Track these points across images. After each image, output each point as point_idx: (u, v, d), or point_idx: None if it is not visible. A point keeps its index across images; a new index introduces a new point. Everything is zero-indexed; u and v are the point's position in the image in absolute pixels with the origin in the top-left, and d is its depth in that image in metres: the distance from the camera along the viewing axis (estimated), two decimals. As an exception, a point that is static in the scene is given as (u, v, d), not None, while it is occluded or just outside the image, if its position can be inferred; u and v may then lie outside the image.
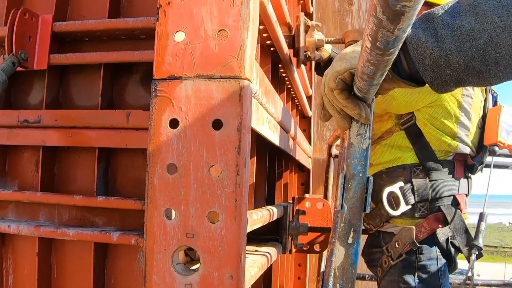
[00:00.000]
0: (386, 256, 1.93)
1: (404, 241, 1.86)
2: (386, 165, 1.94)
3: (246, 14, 1.10)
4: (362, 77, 1.02)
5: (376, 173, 1.96)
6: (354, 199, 1.19)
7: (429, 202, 1.90)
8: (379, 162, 1.96)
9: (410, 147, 1.94)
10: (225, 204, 1.07)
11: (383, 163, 1.95)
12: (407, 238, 1.86)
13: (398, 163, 1.93)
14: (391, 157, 1.95)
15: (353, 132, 1.21)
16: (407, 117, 1.94)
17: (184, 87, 1.11)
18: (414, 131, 1.93)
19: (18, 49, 1.38)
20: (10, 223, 1.41)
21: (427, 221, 1.89)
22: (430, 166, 1.90)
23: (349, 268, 1.20)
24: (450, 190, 1.92)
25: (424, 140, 1.92)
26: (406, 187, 1.88)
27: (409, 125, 1.93)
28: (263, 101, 1.35)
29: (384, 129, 2.00)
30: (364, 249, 2.18)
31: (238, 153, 1.07)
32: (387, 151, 1.96)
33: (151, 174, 1.11)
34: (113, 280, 1.40)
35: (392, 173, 1.93)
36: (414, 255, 1.89)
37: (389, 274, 1.93)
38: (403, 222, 1.92)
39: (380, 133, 2.00)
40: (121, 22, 1.39)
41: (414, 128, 1.93)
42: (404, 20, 0.69)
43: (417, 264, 1.89)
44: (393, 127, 1.98)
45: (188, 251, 1.22)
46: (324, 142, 4.26)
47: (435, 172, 1.91)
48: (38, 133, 1.44)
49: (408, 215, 1.91)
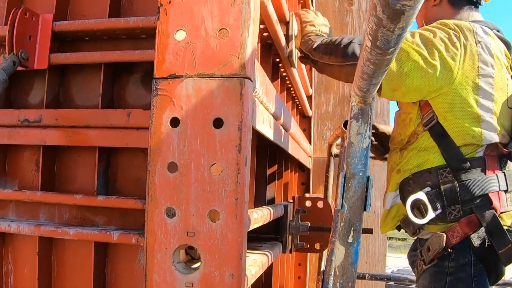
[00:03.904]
0: (420, 259, 1.87)
1: (434, 247, 1.78)
2: (413, 170, 1.85)
3: (246, 13, 1.11)
4: (362, 76, 1.02)
5: (403, 179, 1.87)
6: (355, 198, 1.19)
7: (461, 204, 1.77)
8: (407, 168, 1.88)
9: (436, 148, 1.83)
10: (226, 203, 1.07)
11: (410, 168, 1.87)
12: (437, 245, 1.78)
13: (424, 167, 1.83)
14: (418, 161, 1.86)
15: (353, 131, 1.22)
16: (429, 117, 1.84)
17: (185, 86, 1.11)
18: (438, 130, 1.83)
19: (18, 48, 1.38)
20: (11, 222, 1.41)
21: (459, 225, 1.77)
22: (457, 166, 1.79)
23: (349, 267, 1.20)
24: (481, 189, 1.78)
25: (449, 139, 1.81)
26: (432, 192, 1.78)
27: (432, 124, 1.83)
28: (263, 100, 1.35)
29: (409, 132, 1.91)
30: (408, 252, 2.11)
31: (238, 151, 1.07)
32: (414, 156, 1.88)
33: (152, 172, 1.11)
34: (113, 279, 1.40)
35: (419, 178, 1.83)
36: (447, 260, 1.79)
37: (422, 278, 1.87)
38: (436, 228, 1.83)
39: (407, 138, 1.91)
40: (121, 22, 1.39)
41: (437, 127, 1.83)
42: (404, 19, 0.69)
43: (448, 269, 1.78)
44: (416, 128, 1.88)
45: (189, 249, 1.22)
46: (324, 142, 4.27)
47: (463, 173, 1.78)
48: (38, 132, 1.44)
49: (441, 219, 1.80)
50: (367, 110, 1.24)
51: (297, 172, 3.28)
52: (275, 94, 1.57)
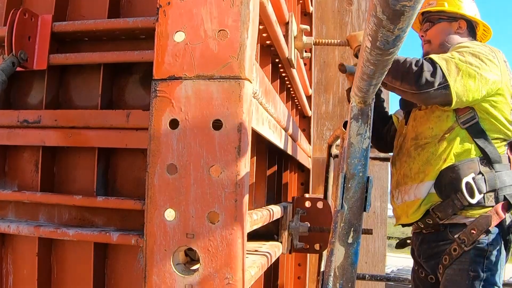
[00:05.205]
0: (458, 244, 2.05)
1: (481, 227, 2.01)
2: (457, 159, 2.09)
3: (246, 14, 1.10)
4: (362, 77, 1.02)
5: (447, 167, 2.09)
6: (354, 198, 1.19)
7: (496, 192, 2.05)
8: (448, 156, 2.11)
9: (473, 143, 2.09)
10: (225, 204, 1.07)
11: (453, 157, 2.10)
12: (485, 225, 2.01)
13: (466, 157, 2.08)
14: (459, 151, 2.10)
15: (353, 132, 1.21)
16: (468, 116, 2.10)
17: (184, 87, 1.11)
18: (477, 130, 2.10)
19: (17, 49, 1.38)
20: (10, 223, 1.41)
21: (496, 209, 2.04)
22: (493, 159, 2.08)
23: (349, 268, 1.20)
24: (511, 180, 2.09)
25: (486, 136, 2.09)
26: (478, 177, 2.04)
27: (471, 124, 2.10)
28: (263, 101, 1.35)
29: (446, 127, 2.14)
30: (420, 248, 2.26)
31: (238, 153, 1.07)
32: (454, 146, 2.11)
33: (151, 174, 1.11)
34: (113, 280, 1.39)
35: (463, 165, 2.07)
36: (486, 244, 2.02)
37: (458, 263, 2.05)
38: (472, 212, 2.05)
39: (442, 132, 2.14)
40: (120, 22, 1.39)
41: (476, 127, 2.10)
42: (404, 19, 0.69)
43: (487, 253, 2.02)
44: (453, 124, 2.12)
45: (188, 251, 1.22)
46: (324, 142, 4.27)
47: (498, 164, 2.08)
48: (37, 133, 1.44)
49: (479, 205, 2.04)
50: (367, 111, 1.24)
51: (297, 172, 3.28)
52: (275, 95, 1.57)
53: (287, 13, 1.98)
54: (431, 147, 2.15)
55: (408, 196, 2.20)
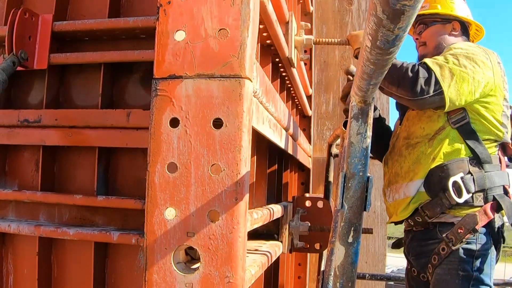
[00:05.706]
0: (446, 243, 2.05)
1: (468, 226, 2.01)
2: (446, 158, 2.10)
3: (246, 13, 1.10)
4: (362, 76, 1.02)
5: (437, 166, 2.10)
6: (354, 198, 1.19)
7: (485, 192, 2.06)
8: (440, 156, 2.12)
9: (464, 143, 2.10)
10: (225, 203, 1.07)
11: (442, 156, 2.11)
12: (471, 224, 2.00)
13: (455, 156, 2.10)
14: (448, 150, 2.11)
15: (353, 131, 1.21)
16: (459, 117, 2.11)
17: (184, 86, 1.11)
18: (468, 130, 2.11)
19: (18, 48, 1.38)
20: (10, 222, 1.41)
21: (484, 209, 2.04)
22: (484, 159, 2.09)
23: (349, 267, 1.20)
24: (500, 180, 2.11)
25: (477, 137, 2.10)
26: (467, 177, 2.05)
27: (461, 124, 2.11)
28: (263, 100, 1.35)
29: (437, 127, 2.15)
30: (410, 245, 2.28)
31: (238, 152, 1.07)
32: (446, 146, 2.12)
33: (152, 173, 1.11)
34: (113, 279, 1.40)
35: (452, 165, 2.08)
36: (474, 244, 2.02)
37: (447, 262, 2.05)
38: (460, 212, 2.05)
39: (433, 132, 2.16)
40: (121, 22, 1.39)
41: (467, 127, 2.11)
42: (404, 19, 0.69)
43: (476, 253, 2.02)
44: (444, 124, 2.14)
45: (189, 250, 1.22)
46: (324, 141, 4.27)
47: (488, 165, 2.09)
48: (38, 132, 1.44)
49: (468, 204, 2.05)
50: (367, 110, 1.24)
51: (297, 172, 3.28)
52: (275, 94, 1.57)
53: (287, 12, 1.98)
54: (422, 147, 2.17)
55: (398, 195, 2.22)
